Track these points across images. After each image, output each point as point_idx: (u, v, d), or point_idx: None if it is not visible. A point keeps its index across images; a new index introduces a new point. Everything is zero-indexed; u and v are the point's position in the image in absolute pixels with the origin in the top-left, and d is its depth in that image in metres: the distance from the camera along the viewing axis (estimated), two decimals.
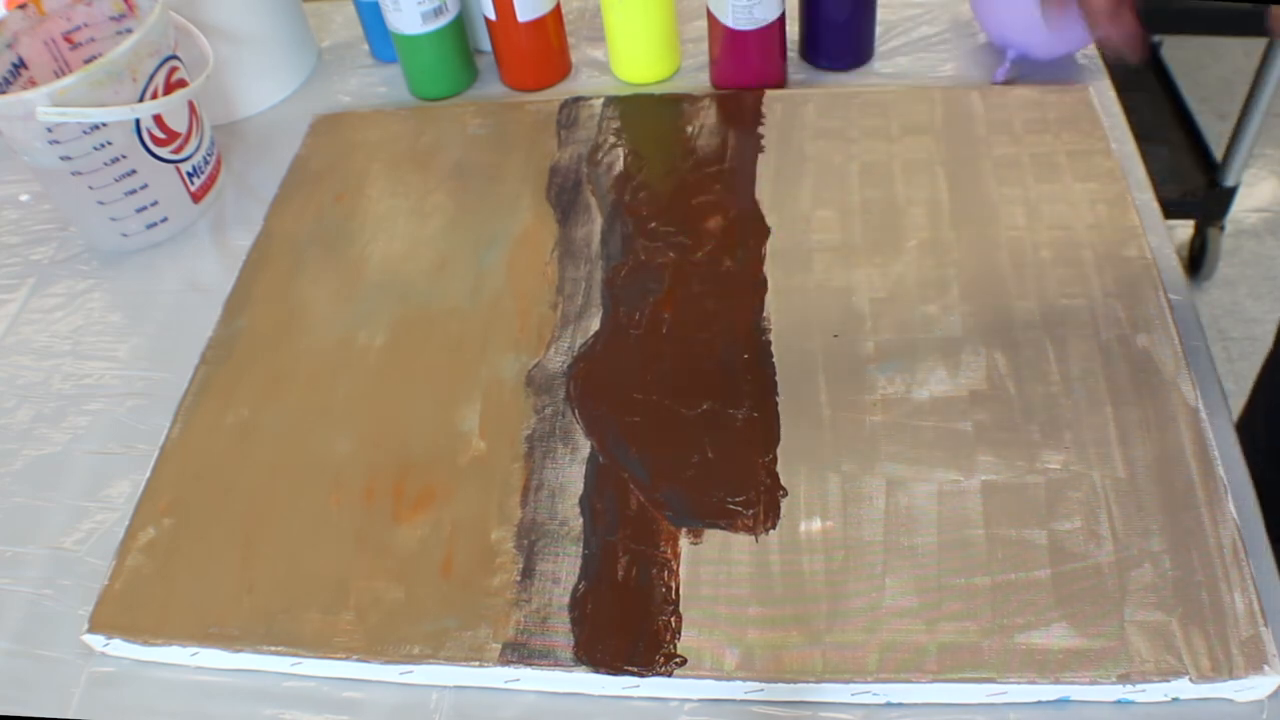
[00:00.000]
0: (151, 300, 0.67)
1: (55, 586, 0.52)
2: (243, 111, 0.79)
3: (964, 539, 0.46)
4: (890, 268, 0.57)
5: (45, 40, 0.70)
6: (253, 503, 0.52)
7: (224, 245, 0.69)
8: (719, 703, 0.44)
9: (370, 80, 0.81)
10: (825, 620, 0.44)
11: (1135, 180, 0.61)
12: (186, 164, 0.69)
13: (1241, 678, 0.40)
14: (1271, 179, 1.76)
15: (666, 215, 0.63)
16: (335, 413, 0.56)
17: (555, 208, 0.65)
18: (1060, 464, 0.48)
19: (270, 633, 0.47)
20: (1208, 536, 0.44)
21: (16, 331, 0.66)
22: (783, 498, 0.48)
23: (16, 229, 0.74)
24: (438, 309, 0.60)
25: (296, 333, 0.60)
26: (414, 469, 0.52)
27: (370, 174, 0.70)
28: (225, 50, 0.74)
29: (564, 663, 0.44)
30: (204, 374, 0.59)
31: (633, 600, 0.46)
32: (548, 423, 0.53)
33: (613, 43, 0.74)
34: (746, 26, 0.68)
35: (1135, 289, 0.54)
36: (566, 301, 0.59)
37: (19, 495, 0.57)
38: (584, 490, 0.50)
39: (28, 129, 0.62)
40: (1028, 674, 0.41)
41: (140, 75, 0.63)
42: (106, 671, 0.49)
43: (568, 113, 0.72)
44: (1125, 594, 0.43)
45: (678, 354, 0.55)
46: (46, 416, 0.60)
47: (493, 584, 0.47)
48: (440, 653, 0.45)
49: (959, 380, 0.52)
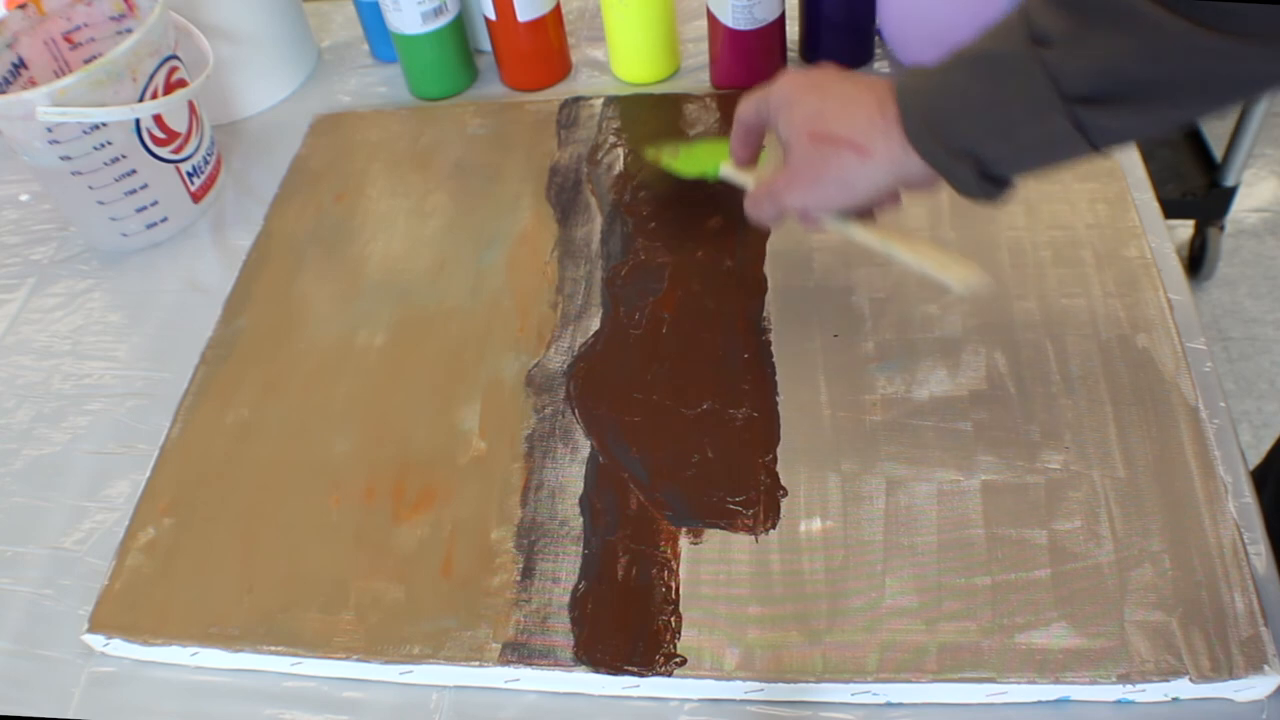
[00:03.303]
0: (151, 300, 0.67)
1: (55, 586, 0.52)
2: (243, 111, 0.79)
3: (964, 539, 0.46)
4: (890, 268, 0.57)
5: (45, 40, 0.70)
6: (253, 503, 0.52)
7: (224, 245, 0.69)
8: (719, 702, 0.44)
9: (370, 80, 0.81)
10: (825, 620, 0.44)
11: (1135, 180, 0.61)
12: (186, 164, 0.69)
13: (1241, 678, 0.40)
14: (1271, 179, 1.76)
15: (666, 215, 0.63)
16: (335, 413, 0.56)
17: (555, 207, 0.65)
18: (1060, 464, 0.48)
19: (270, 633, 0.47)
20: (1208, 536, 0.44)
21: (16, 331, 0.66)
22: (783, 497, 0.48)
23: (16, 229, 0.74)
24: (438, 309, 0.60)
25: (296, 333, 0.60)
26: (414, 469, 0.52)
27: (370, 174, 0.70)
28: (225, 50, 0.74)
29: (564, 662, 0.44)
30: (204, 374, 0.59)
31: (633, 600, 0.46)
32: (548, 422, 0.53)
33: (613, 43, 0.74)
34: (746, 26, 0.68)
35: (1135, 289, 0.54)
36: (566, 301, 0.59)
37: (19, 495, 0.57)
38: (584, 490, 0.50)
39: (28, 129, 0.62)
40: (1028, 674, 0.41)
41: (140, 75, 0.63)
42: (106, 671, 0.49)
43: (568, 113, 0.72)
44: (1125, 594, 0.43)
45: (678, 354, 0.55)
46: (46, 416, 0.60)
47: (493, 584, 0.47)
48: (440, 653, 0.45)
49: (959, 380, 0.52)
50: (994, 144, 0.41)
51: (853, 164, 0.45)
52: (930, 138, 0.42)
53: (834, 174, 0.46)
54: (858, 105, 0.45)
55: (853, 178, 0.46)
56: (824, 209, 0.49)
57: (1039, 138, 0.40)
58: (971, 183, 0.43)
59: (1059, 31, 0.38)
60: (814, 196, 0.48)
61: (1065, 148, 0.40)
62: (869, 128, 0.44)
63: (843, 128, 0.45)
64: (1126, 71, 0.37)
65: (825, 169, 0.46)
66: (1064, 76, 0.38)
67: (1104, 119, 0.38)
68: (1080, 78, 0.38)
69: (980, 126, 0.41)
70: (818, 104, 0.47)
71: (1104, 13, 0.37)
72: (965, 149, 0.42)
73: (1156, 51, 0.36)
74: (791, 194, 0.48)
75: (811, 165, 0.47)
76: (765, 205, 0.50)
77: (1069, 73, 0.38)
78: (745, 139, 0.54)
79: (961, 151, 0.42)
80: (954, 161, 0.42)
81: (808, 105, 0.47)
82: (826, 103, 0.46)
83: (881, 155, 0.44)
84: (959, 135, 0.42)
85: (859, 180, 0.45)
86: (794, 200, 0.48)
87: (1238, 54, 0.35)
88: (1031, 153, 0.42)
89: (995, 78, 0.40)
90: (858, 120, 0.45)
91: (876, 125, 0.44)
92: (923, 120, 0.42)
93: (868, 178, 0.45)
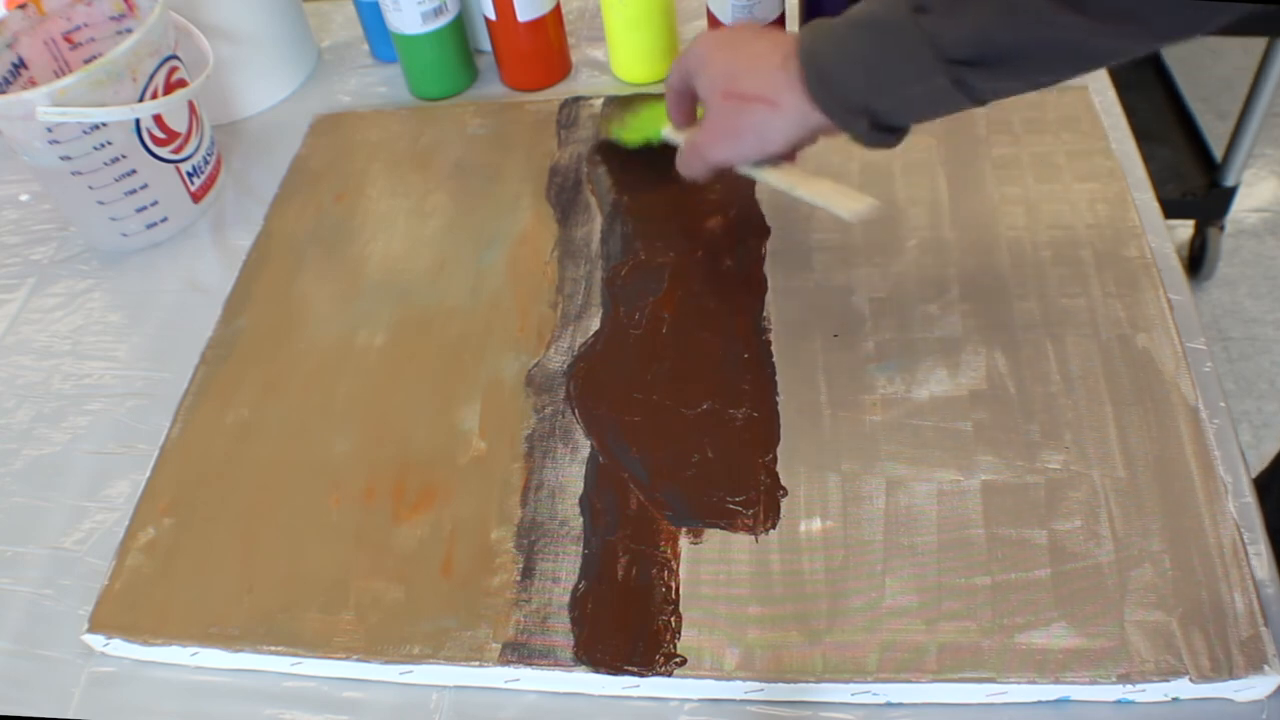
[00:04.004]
0: (151, 300, 0.67)
1: (55, 586, 0.52)
2: (243, 111, 0.79)
3: (964, 539, 0.46)
4: (890, 267, 0.57)
5: (45, 40, 0.70)
6: (253, 503, 0.52)
7: (224, 245, 0.69)
8: (719, 702, 0.44)
9: (370, 80, 0.81)
10: (825, 620, 0.44)
11: (1135, 180, 0.61)
12: (186, 164, 0.69)
13: (1241, 678, 0.40)
14: (1271, 179, 1.76)
15: (666, 215, 0.63)
16: (335, 412, 0.56)
17: (555, 207, 0.65)
18: (1060, 464, 0.48)
19: (270, 632, 0.47)
20: (1208, 536, 0.44)
21: (16, 331, 0.66)
22: (783, 497, 0.48)
23: (16, 229, 0.74)
24: (438, 309, 0.60)
25: (296, 333, 0.60)
26: (414, 469, 0.52)
27: (370, 174, 0.70)
28: (225, 50, 0.74)
29: (564, 662, 0.44)
30: (204, 374, 0.59)
31: (633, 600, 0.46)
32: (548, 422, 0.53)
33: (613, 43, 0.74)
34: None
35: (1135, 289, 0.54)
36: (566, 301, 0.59)
37: (19, 495, 0.57)
38: (584, 490, 0.50)
39: (28, 129, 0.62)
40: (1027, 674, 0.41)
41: (140, 75, 0.63)
42: (106, 671, 0.49)
43: (568, 113, 0.72)
44: (1125, 594, 0.43)
45: (678, 354, 0.55)
46: (46, 416, 0.60)
47: (493, 584, 0.47)
48: (440, 653, 0.45)
49: (959, 380, 0.52)
50: (884, 99, 0.46)
51: (765, 117, 0.49)
52: (827, 95, 0.46)
53: (749, 127, 0.50)
54: (765, 61, 0.49)
55: (766, 129, 0.50)
56: (744, 160, 0.53)
57: (924, 93, 0.44)
58: (866, 133, 0.47)
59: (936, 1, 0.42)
60: (733, 149, 0.52)
61: (950, 102, 0.45)
62: (775, 83, 0.48)
63: (752, 85, 0.49)
64: (994, 40, 0.42)
65: (740, 123, 0.50)
66: (941, 41, 0.42)
67: (980, 79, 0.43)
68: (955, 44, 0.42)
69: (870, 85, 0.45)
70: (729, 63, 0.50)
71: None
72: (859, 105, 0.46)
73: (1017, 24, 0.41)
74: (714, 149, 0.52)
75: (728, 120, 0.51)
76: (693, 162, 0.54)
77: (946, 39, 0.42)
78: (677, 103, 0.57)
79: (856, 107, 0.46)
80: (850, 116, 0.47)
81: (720, 64, 0.51)
82: (738, 61, 0.50)
83: (789, 107, 0.48)
84: (852, 93, 0.46)
85: (772, 131, 0.49)
86: (716, 155, 0.52)
87: (1086, 29, 0.40)
88: (919, 105, 0.46)
89: (883, 41, 0.44)
90: (766, 76, 0.48)
91: (781, 81, 0.48)
92: (819, 79, 0.46)
93: (779, 128, 0.49)
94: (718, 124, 0.51)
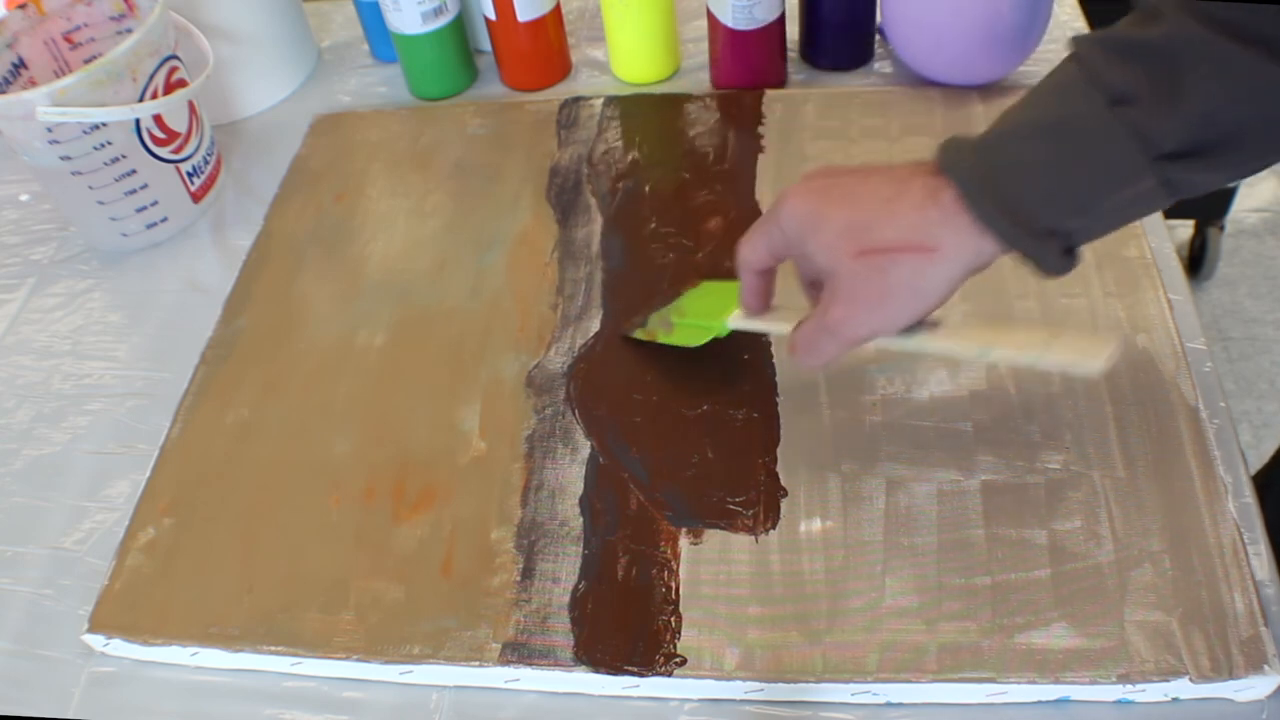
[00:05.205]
0: (151, 300, 0.67)
1: (55, 586, 0.52)
2: (243, 111, 0.79)
3: (964, 539, 0.46)
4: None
5: (45, 40, 0.70)
6: (253, 503, 0.52)
7: (224, 245, 0.69)
8: (719, 702, 0.44)
9: (370, 80, 0.81)
10: (825, 620, 0.44)
11: None
12: (186, 164, 0.69)
13: (1241, 678, 0.40)
14: (1271, 179, 1.76)
15: (667, 216, 0.63)
16: (335, 412, 0.56)
17: (555, 208, 0.65)
18: (1060, 464, 0.48)
19: (270, 632, 0.47)
20: (1207, 536, 0.44)
21: (16, 331, 0.66)
22: (782, 498, 0.48)
23: (16, 229, 0.74)
24: (438, 309, 0.60)
25: (296, 333, 0.60)
26: (414, 469, 0.52)
27: (370, 174, 0.70)
28: (225, 50, 0.74)
29: (564, 663, 0.44)
30: (204, 374, 0.59)
31: (633, 600, 0.46)
32: (548, 423, 0.53)
33: (613, 43, 0.74)
34: (746, 26, 0.68)
35: (1135, 289, 0.54)
36: (566, 302, 0.59)
37: (19, 495, 0.57)
38: (584, 490, 0.50)
39: (28, 129, 0.62)
40: (1028, 674, 0.41)
41: (140, 75, 0.63)
42: (106, 671, 0.49)
43: (568, 113, 0.72)
44: (1125, 594, 0.43)
45: (678, 354, 0.55)
46: (46, 416, 0.60)
47: (493, 584, 0.47)
48: (440, 653, 0.45)
49: (959, 380, 0.52)
50: (1078, 216, 0.39)
51: (920, 268, 0.40)
52: (1007, 220, 0.38)
53: (900, 286, 0.40)
54: (900, 202, 0.40)
55: (923, 283, 0.40)
56: (896, 327, 0.42)
57: (1125, 201, 0.38)
58: (1057, 260, 0.39)
59: (1141, 89, 0.36)
60: (883, 317, 0.41)
61: (1149, 206, 0.38)
62: (926, 224, 0.39)
63: (895, 233, 0.40)
64: (1220, 122, 0.35)
65: (888, 284, 0.40)
66: (1154, 136, 0.36)
67: (1190, 172, 0.37)
68: (1171, 134, 0.36)
69: (1063, 201, 0.38)
70: (849, 215, 0.41)
71: (1193, 64, 0.35)
72: (1048, 227, 0.39)
73: (1252, 97, 0.35)
74: (854, 324, 0.42)
75: (870, 284, 0.41)
76: (824, 346, 0.43)
77: (1159, 131, 0.36)
78: (759, 284, 0.48)
79: (1044, 230, 0.39)
80: (1038, 242, 0.39)
81: (840, 219, 0.41)
82: (862, 210, 0.41)
83: (951, 248, 0.39)
84: (1041, 214, 0.38)
85: (930, 283, 0.40)
86: (860, 329, 0.42)
87: None
88: (1113, 217, 0.40)
89: (1076, 148, 0.37)
90: (910, 219, 0.40)
91: (934, 219, 0.39)
92: (994, 203, 0.38)
93: (940, 277, 0.40)
94: (856, 291, 0.41)
